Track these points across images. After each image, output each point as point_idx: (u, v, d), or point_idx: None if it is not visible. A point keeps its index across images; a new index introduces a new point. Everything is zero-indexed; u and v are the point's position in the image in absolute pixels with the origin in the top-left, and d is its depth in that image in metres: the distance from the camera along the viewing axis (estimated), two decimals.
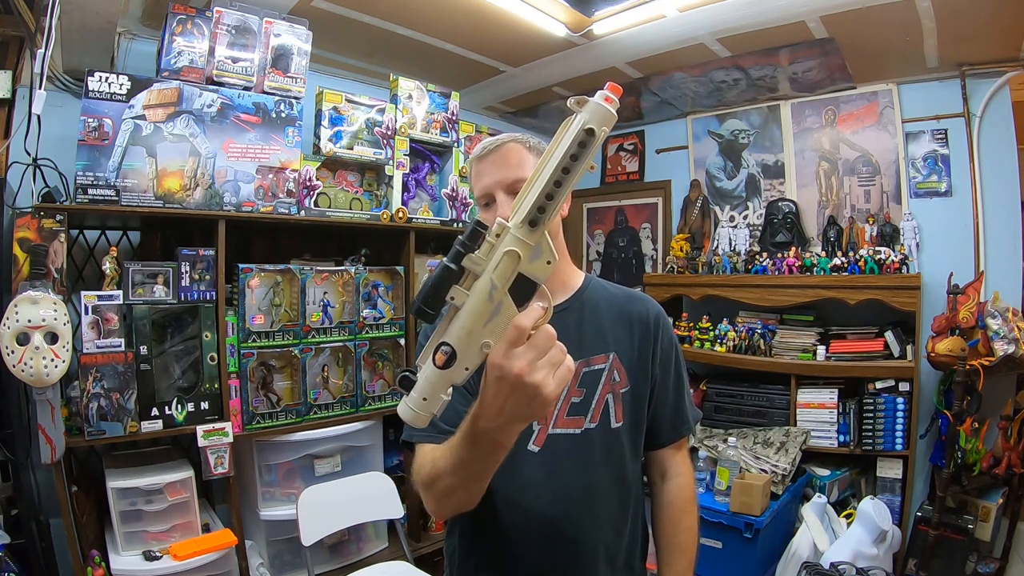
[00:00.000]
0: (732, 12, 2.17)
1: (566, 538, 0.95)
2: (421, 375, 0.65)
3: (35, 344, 1.52)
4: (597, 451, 0.97)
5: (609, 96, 0.62)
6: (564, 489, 0.95)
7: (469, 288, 0.63)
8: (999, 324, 2.19)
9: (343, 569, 2.12)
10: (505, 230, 0.63)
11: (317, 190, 2.26)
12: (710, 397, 2.90)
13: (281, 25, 2.06)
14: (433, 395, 0.64)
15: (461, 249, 0.62)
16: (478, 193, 1.02)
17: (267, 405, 2.05)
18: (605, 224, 3.82)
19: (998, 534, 2.31)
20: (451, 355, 0.63)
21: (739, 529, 2.21)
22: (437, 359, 0.63)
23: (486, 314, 0.63)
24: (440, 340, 0.64)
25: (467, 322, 0.63)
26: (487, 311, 0.63)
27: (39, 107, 1.59)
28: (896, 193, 2.73)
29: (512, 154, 0.99)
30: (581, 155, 0.61)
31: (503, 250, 0.62)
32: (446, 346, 0.63)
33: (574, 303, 1.05)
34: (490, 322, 0.63)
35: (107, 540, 1.79)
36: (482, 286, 0.63)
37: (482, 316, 0.63)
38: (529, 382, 0.60)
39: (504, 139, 1.01)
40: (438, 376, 0.63)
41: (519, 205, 0.63)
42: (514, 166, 0.98)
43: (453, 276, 0.62)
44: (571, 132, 0.62)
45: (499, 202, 0.98)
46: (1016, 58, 2.36)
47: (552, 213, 0.62)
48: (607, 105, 0.62)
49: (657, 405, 1.05)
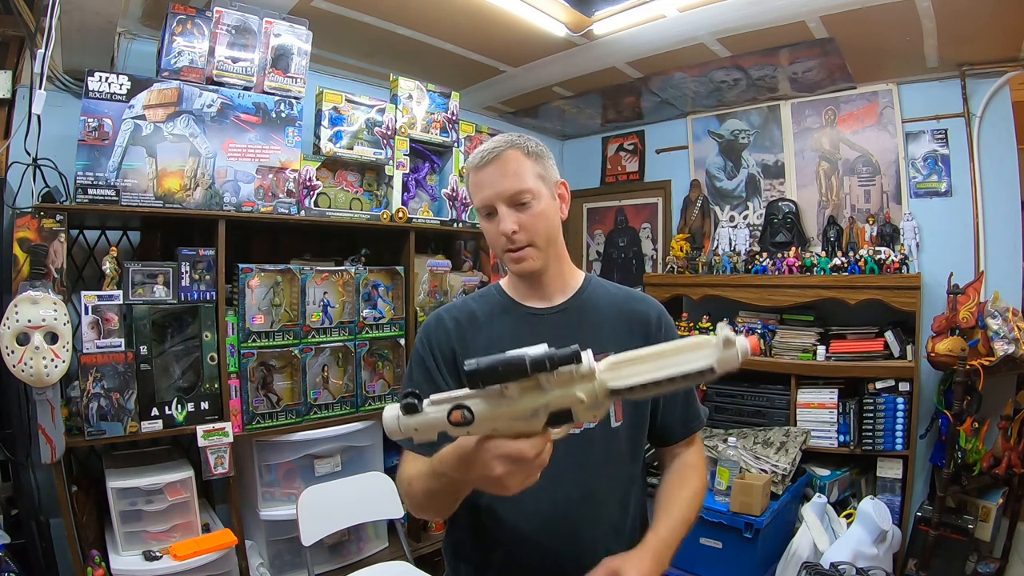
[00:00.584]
0: (732, 12, 2.17)
1: (566, 538, 0.95)
2: (428, 411, 0.67)
3: (35, 344, 1.52)
4: (597, 451, 0.97)
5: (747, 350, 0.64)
6: (564, 489, 0.95)
7: (524, 393, 0.66)
8: (999, 324, 2.19)
9: (343, 569, 2.12)
10: (592, 378, 0.65)
11: (317, 190, 2.26)
12: (710, 397, 2.90)
13: (281, 25, 2.06)
14: (425, 433, 0.67)
15: (547, 364, 0.64)
16: (478, 204, 1.00)
17: (267, 405, 2.05)
18: (605, 224, 3.82)
19: (998, 534, 2.31)
20: (466, 423, 0.66)
21: (739, 529, 2.21)
22: (453, 416, 0.66)
23: (519, 419, 0.67)
24: (467, 405, 0.66)
25: (500, 413, 0.67)
26: (522, 417, 0.67)
27: (39, 107, 1.59)
28: (896, 193, 2.73)
29: (511, 163, 0.96)
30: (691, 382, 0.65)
31: (577, 392, 0.65)
32: (469, 413, 0.66)
33: (573, 303, 1.04)
34: (516, 423, 0.67)
35: (107, 540, 1.79)
36: (534, 402, 0.66)
37: (516, 419, 0.67)
38: (503, 482, 0.70)
39: (501, 145, 0.97)
40: (441, 424, 0.67)
41: (620, 365, 0.66)
42: (512, 176, 0.96)
43: (522, 372, 0.64)
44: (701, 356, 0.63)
45: (501, 215, 0.96)
46: (1016, 58, 2.36)
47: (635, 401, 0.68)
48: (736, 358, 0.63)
49: (666, 404, 1.04)
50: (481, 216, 1.01)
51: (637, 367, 0.66)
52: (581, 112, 3.44)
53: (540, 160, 1.00)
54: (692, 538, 2.34)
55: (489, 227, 1.00)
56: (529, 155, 0.98)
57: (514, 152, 0.97)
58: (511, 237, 0.96)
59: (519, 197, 0.96)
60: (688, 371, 0.63)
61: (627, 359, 0.66)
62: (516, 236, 0.96)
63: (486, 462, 0.69)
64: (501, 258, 1.02)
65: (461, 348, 1.01)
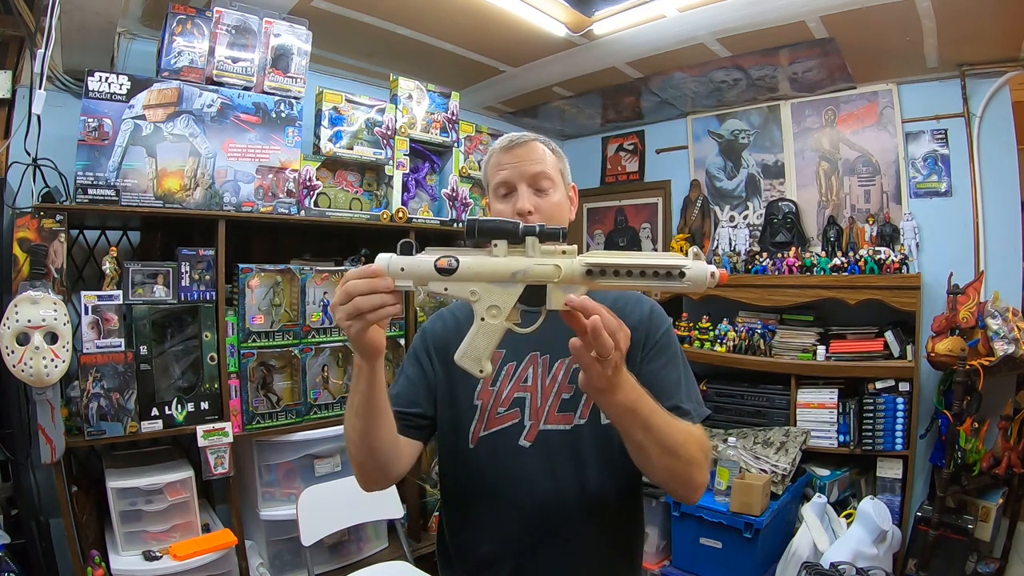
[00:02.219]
0: (732, 12, 2.17)
1: (560, 534, 0.95)
2: (420, 256, 0.72)
3: (35, 344, 1.52)
4: (588, 447, 0.97)
5: (715, 272, 0.68)
6: (557, 485, 0.95)
7: (510, 253, 0.71)
8: (999, 324, 2.19)
9: (343, 569, 2.12)
10: (572, 254, 0.71)
11: (317, 190, 2.26)
12: (710, 397, 2.90)
13: (281, 25, 2.06)
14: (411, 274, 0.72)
15: (537, 229, 0.72)
16: (497, 181, 1.02)
17: (267, 405, 2.05)
18: (605, 224, 3.82)
19: (998, 534, 2.31)
20: (451, 271, 0.71)
21: (739, 529, 2.21)
22: (439, 262, 0.71)
23: (500, 279, 0.71)
24: (456, 255, 0.71)
25: (484, 270, 0.71)
26: (503, 278, 0.71)
27: (39, 107, 1.59)
28: (896, 193, 2.73)
29: (537, 151, 1.02)
30: (662, 280, 0.68)
31: (556, 261, 0.70)
32: (455, 262, 0.71)
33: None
34: (496, 286, 0.71)
35: (107, 540, 1.79)
36: (518, 263, 0.71)
37: (497, 277, 0.71)
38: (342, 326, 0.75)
39: (529, 136, 1.04)
40: (427, 268, 0.71)
41: (597, 254, 0.70)
42: (537, 161, 1.01)
43: (512, 235, 0.71)
44: (675, 258, 0.68)
45: (520, 193, 0.99)
46: (1016, 58, 2.36)
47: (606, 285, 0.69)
48: (710, 278, 0.68)
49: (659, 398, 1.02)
50: (496, 197, 1.03)
51: (613, 258, 0.70)
52: (581, 112, 3.44)
53: (561, 160, 1.07)
54: (692, 538, 2.37)
55: (503, 208, 1.01)
56: (554, 152, 1.05)
57: (540, 145, 1.04)
58: (526, 216, 0.97)
59: (540, 181, 1.00)
60: (660, 264, 0.68)
61: (604, 253, 0.71)
62: (531, 216, 0.97)
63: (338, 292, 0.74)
64: None
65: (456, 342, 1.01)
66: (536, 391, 0.98)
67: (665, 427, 0.81)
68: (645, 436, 0.79)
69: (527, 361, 1.00)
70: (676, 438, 0.83)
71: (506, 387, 0.99)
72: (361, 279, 0.73)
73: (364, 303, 0.72)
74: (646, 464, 0.85)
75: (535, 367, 0.99)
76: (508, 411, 0.98)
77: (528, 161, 1.00)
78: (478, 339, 0.73)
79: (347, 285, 0.73)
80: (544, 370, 0.99)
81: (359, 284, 0.72)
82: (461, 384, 1.00)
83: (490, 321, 0.72)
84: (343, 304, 0.73)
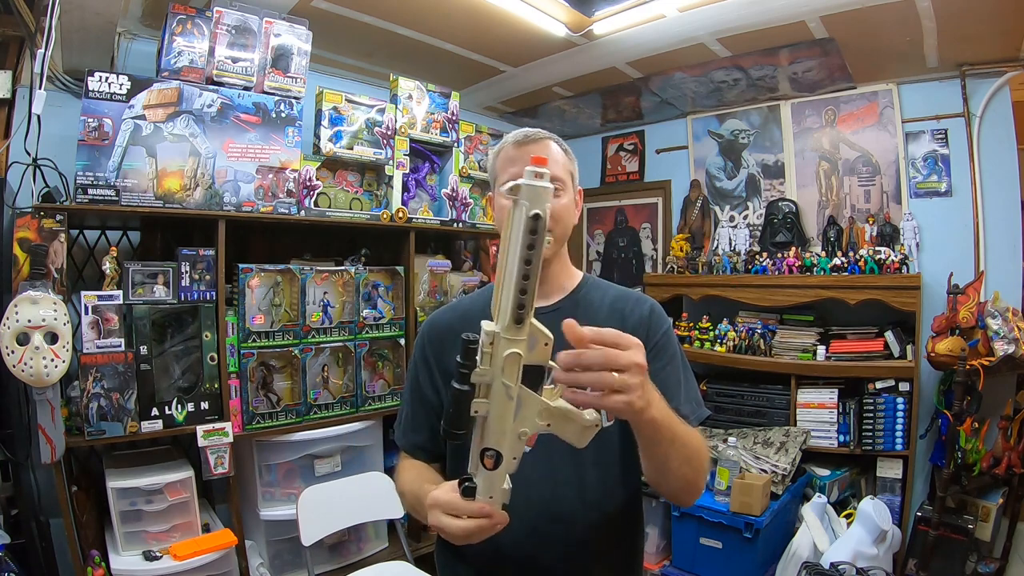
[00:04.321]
0: (732, 12, 2.17)
1: (561, 538, 0.95)
2: (480, 480, 0.72)
3: (35, 344, 1.52)
4: (589, 451, 0.95)
5: (538, 172, 0.64)
6: (557, 489, 0.95)
7: (487, 396, 0.68)
8: (999, 324, 2.19)
9: (343, 569, 2.12)
10: (496, 337, 0.66)
11: (317, 190, 2.26)
12: (710, 397, 2.90)
13: (281, 25, 2.06)
14: (496, 490, 0.72)
15: (464, 370, 0.67)
16: (507, 177, 1.00)
17: (267, 405, 2.05)
18: (605, 224, 3.82)
19: (998, 534, 2.31)
20: (497, 456, 0.70)
21: (739, 529, 2.21)
22: (486, 463, 0.70)
23: (511, 411, 0.69)
24: (483, 447, 0.70)
25: (499, 425, 0.69)
26: (511, 408, 0.69)
27: (39, 107, 1.59)
28: (896, 193, 2.73)
29: (551, 150, 1.01)
30: (536, 241, 0.63)
31: (503, 356, 0.66)
32: (490, 451, 0.70)
33: (567, 303, 1.05)
34: (517, 415, 0.70)
35: (107, 540, 1.79)
36: (498, 391, 0.68)
37: (509, 414, 0.69)
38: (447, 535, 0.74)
39: (544, 134, 1.03)
40: (494, 475, 0.71)
41: (498, 308, 0.66)
42: (551, 162, 0.98)
43: (469, 396, 0.67)
44: (520, 225, 0.64)
45: None
46: (1016, 58, 2.36)
47: (531, 304, 0.64)
48: (538, 182, 0.64)
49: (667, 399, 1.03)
50: (501, 194, 1.01)
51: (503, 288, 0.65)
52: (581, 112, 3.44)
53: (572, 161, 1.07)
54: (692, 538, 2.37)
55: (508, 205, 0.99)
56: (567, 153, 1.05)
57: (554, 144, 1.03)
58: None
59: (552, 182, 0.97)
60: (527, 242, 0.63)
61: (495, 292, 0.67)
62: None
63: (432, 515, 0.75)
64: None
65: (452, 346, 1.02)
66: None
67: (685, 436, 0.82)
68: (671, 447, 0.80)
69: None
70: (693, 446, 0.85)
71: None
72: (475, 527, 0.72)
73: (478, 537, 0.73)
74: (663, 475, 0.85)
75: None
76: None
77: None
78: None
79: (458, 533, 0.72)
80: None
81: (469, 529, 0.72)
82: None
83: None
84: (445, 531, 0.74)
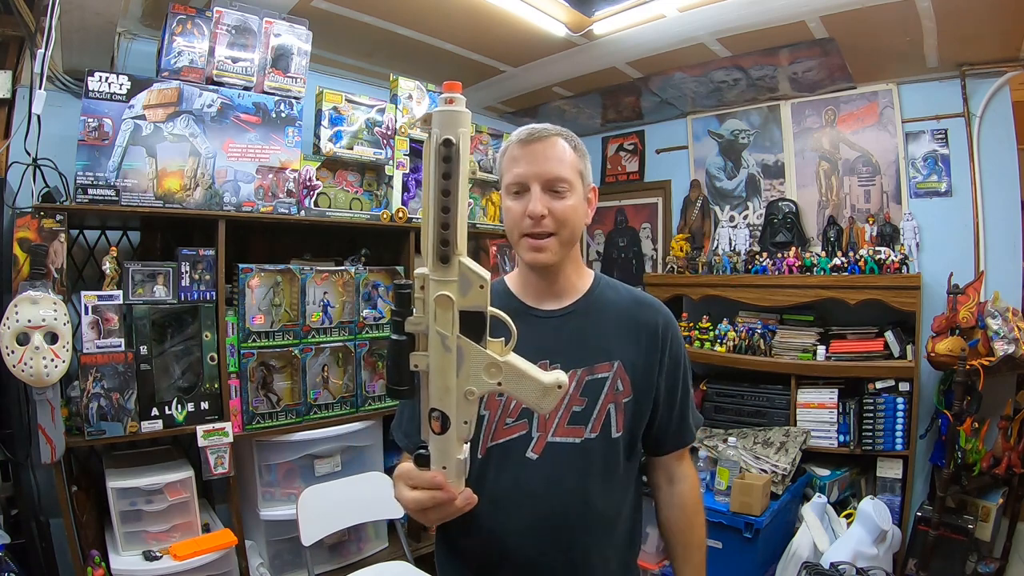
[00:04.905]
0: (732, 12, 2.17)
1: (563, 546, 0.94)
2: (432, 447, 0.66)
3: (35, 344, 1.52)
4: (597, 461, 0.96)
5: (450, 97, 0.60)
6: (562, 497, 0.94)
7: (426, 349, 0.63)
8: (999, 324, 2.19)
9: (343, 569, 2.12)
10: (426, 279, 0.62)
11: (317, 190, 2.26)
12: (710, 397, 2.90)
13: (281, 25, 2.06)
14: (449, 459, 0.66)
15: (398, 318, 0.63)
16: (510, 179, 0.97)
17: (267, 405, 2.05)
18: (605, 224, 3.82)
19: (998, 534, 2.31)
20: (443, 417, 0.64)
21: (739, 529, 2.21)
22: (433, 427, 0.64)
23: (452, 364, 0.63)
24: (428, 408, 0.64)
25: (440, 380, 0.63)
26: (452, 361, 0.63)
27: (39, 107, 1.59)
28: (896, 193, 2.73)
29: (557, 149, 0.96)
30: (451, 169, 0.59)
31: (432, 299, 0.61)
32: (435, 411, 0.64)
33: (580, 306, 1.02)
34: (461, 369, 0.63)
35: (107, 540, 1.79)
36: (434, 342, 0.62)
37: (450, 368, 0.63)
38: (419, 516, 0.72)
39: (552, 131, 0.97)
40: (444, 441, 0.65)
41: (425, 247, 0.62)
42: (556, 161, 0.95)
43: (405, 346, 0.63)
44: (432, 153, 0.60)
45: (533, 195, 0.94)
46: (1016, 58, 2.36)
47: (457, 238, 0.60)
48: (450, 107, 0.60)
49: (662, 416, 1.03)
50: (507, 194, 0.98)
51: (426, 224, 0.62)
52: (581, 112, 3.44)
53: (583, 158, 1.01)
54: None
55: (514, 206, 0.96)
56: (576, 150, 0.99)
57: (562, 142, 0.97)
58: (538, 220, 0.93)
59: (556, 183, 0.94)
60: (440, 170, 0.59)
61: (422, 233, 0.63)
62: (543, 221, 0.93)
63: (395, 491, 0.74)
64: (517, 244, 0.98)
65: None
66: None
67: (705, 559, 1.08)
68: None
69: None
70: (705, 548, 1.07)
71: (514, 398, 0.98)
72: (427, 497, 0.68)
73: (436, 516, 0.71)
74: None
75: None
76: (516, 422, 0.96)
77: (546, 160, 0.94)
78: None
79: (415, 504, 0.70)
80: None
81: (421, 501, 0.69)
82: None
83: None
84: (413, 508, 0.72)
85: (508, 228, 1.00)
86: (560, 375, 0.67)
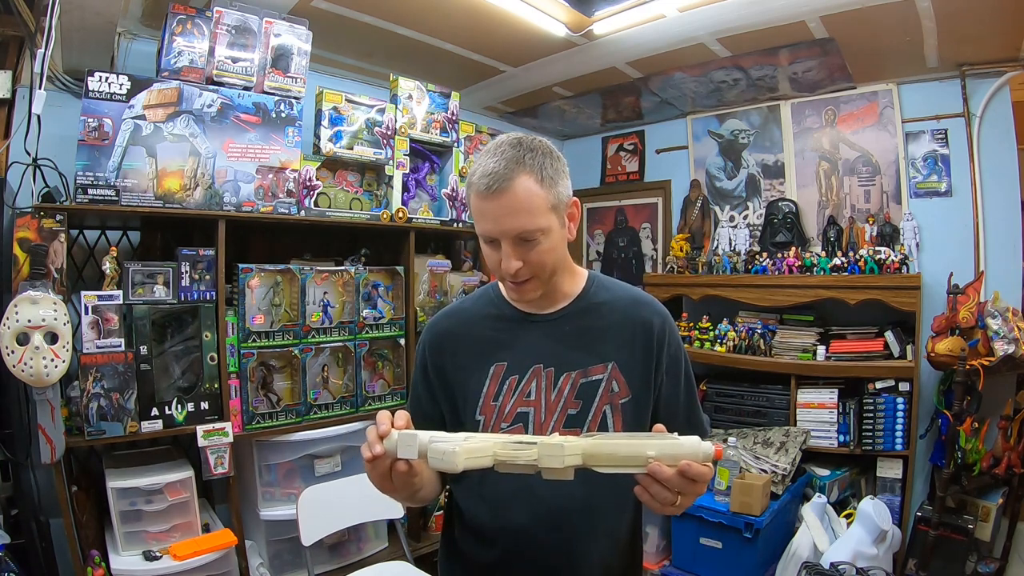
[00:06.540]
0: (732, 12, 2.17)
1: (562, 549, 0.94)
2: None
3: (35, 344, 1.52)
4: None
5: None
6: (560, 501, 0.94)
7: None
8: (999, 324, 2.19)
9: (343, 569, 2.12)
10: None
11: (317, 190, 2.26)
12: (710, 397, 2.90)
13: (281, 25, 2.06)
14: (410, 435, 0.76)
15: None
16: (480, 231, 0.93)
17: (267, 405, 2.05)
18: (605, 224, 3.82)
19: (998, 534, 2.31)
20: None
21: (739, 529, 2.21)
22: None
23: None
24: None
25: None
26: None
27: (39, 107, 1.59)
28: (896, 193, 2.73)
29: (520, 195, 0.86)
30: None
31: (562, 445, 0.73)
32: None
33: (572, 309, 1.01)
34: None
35: (107, 540, 1.79)
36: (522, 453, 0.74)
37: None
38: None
39: (512, 172, 0.86)
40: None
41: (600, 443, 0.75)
42: (523, 215, 0.87)
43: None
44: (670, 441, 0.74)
45: (504, 252, 0.90)
46: (1016, 58, 2.36)
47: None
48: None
49: (668, 416, 1.01)
50: (482, 241, 0.95)
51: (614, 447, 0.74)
52: (581, 112, 3.44)
53: (553, 186, 0.90)
54: (692, 538, 2.37)
55: (491, 253, 0.93)
56: (543, 182, 0.88)
57: (525, 180, 0.87)
58: (515, 275, 0.92)
59: (525, 236, 0.89)
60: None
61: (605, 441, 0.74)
62: (519, 271, 0.91)
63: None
64: (500, 280, 1.00)
65: (452, 353, 1.02)
66: (540, 406, 0.96)
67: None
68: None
69: (530, 375, 0.97)
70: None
71: (508, 402, 0.97)
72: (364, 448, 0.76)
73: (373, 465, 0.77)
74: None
75: (539, 380, 0.97)
76: (511, 426, 0.96)
77: (512, 214, 0.87)
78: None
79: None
80: (549, 384, 0.96)
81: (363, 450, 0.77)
82: (462, 398, 1.00)
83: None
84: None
85: (490, 269, 1.04)
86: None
